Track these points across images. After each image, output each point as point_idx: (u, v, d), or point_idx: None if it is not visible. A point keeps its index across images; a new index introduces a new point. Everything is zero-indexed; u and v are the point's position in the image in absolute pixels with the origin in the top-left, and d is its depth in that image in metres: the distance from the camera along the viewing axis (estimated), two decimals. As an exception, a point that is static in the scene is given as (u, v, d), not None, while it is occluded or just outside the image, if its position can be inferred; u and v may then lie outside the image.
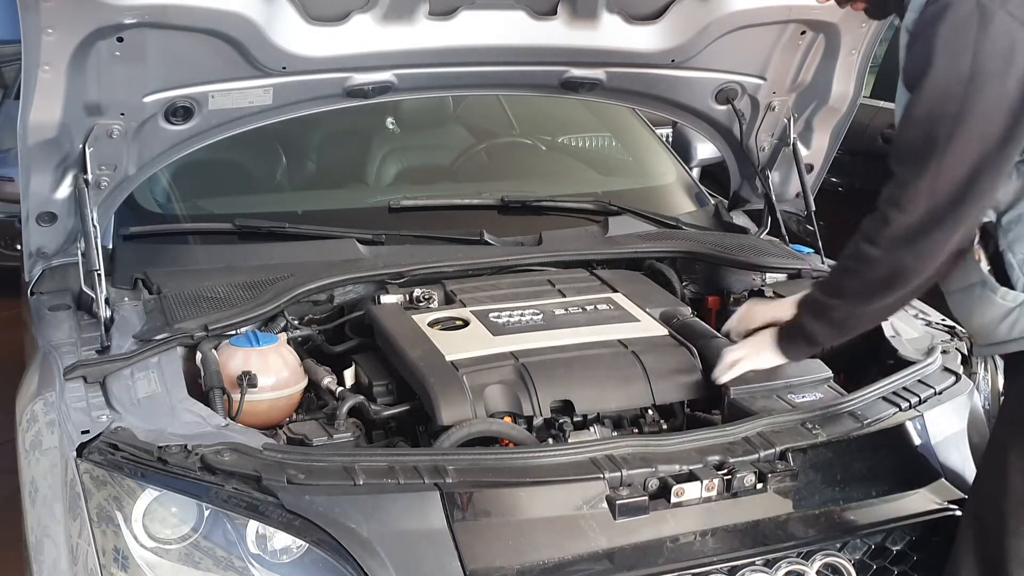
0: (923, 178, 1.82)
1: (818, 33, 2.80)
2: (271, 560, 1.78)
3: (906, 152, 1.86)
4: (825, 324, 2.05)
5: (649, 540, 1.86)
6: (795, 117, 3.02)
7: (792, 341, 2.12)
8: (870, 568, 1.99)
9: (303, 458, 1.86)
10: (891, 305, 2.02)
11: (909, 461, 2.11)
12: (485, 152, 3.54)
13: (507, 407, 2.11)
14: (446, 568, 1.76)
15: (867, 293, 1.97)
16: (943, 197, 1.81)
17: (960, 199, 1.81)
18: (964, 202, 1.82)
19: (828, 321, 2.04)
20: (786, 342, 2.12)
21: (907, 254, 1.87)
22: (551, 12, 2.56)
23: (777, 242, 3.05)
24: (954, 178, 1.80)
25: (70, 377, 2.10)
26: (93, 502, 1.83)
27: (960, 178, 1.80)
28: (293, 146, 3.29)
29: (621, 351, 2.24)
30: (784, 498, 1.96)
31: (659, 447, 1.96)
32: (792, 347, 2.13)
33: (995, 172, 1.82)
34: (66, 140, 2.31)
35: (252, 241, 2.73)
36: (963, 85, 1.76)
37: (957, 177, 1.80)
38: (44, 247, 2.54)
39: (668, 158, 3.57)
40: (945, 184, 1.81)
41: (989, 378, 2.42)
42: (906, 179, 1.85)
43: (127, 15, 2.13)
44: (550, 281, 2.59)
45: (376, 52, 2.49)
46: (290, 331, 2.37)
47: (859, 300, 1.99)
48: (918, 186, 1.83)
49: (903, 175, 1.86)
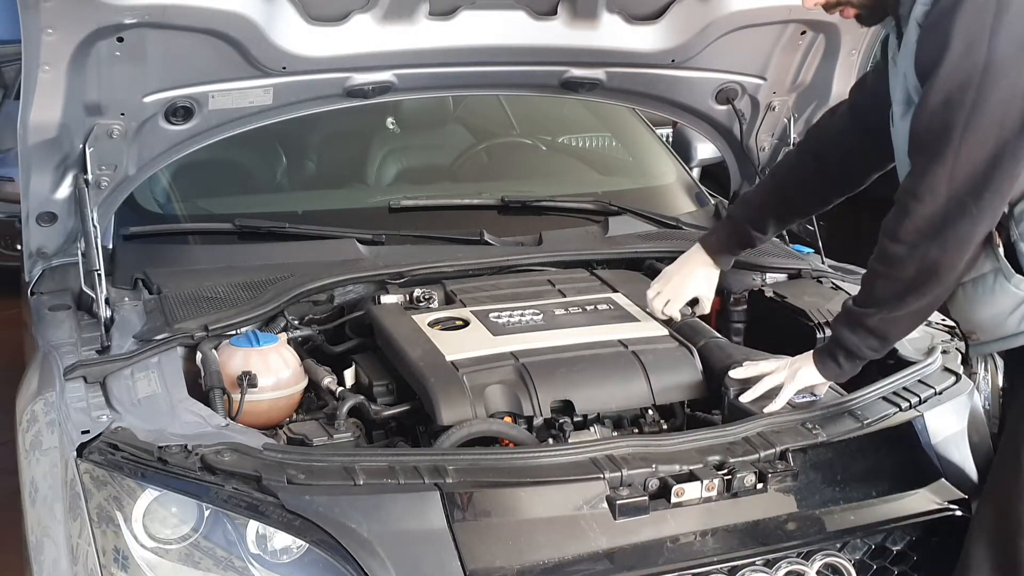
0: (942, 166, 1.80)
1: (818, 33, 2.80)
2: (271, 560, 1.78)
3: (923, 141, 1.84)
4: (863, 335, 2.00)
5: (649, 540, 1.86)
6: (795, 117, 3.02)
7: (832, 358, 2.06)
8: (870, 568, 1.99)
9: (303, 458, 1.86)
10: (927, 307, 1.96)
11: (909, 461, 2.11)
12: (485, 152, 3.54)
13: (507, 407, 2.11)
14: (446, 568, 1.76)
15: (900, 295, 1.93)
16: (963, 185, 1.79)
17: (981, 186, 1.79)
18: (986, 189, 1.80)
19: (866, 331, 2.00)
20: (827, 360, 2.07)
21: (933, 247, 1.84)
22: (551, 12, 2.56)
23: (777, 242, 3.05)
24: (973, 165, 1.78)
25: (70, 377, 2.10)
26: (93, 502, 1.83)
27: (979, 165, 1.78)
28: (293, 146, 3.29)
29: (621, 351, 2.24)
30: (784, 498, 1.96)
31: (659, 447, 1.95)
32: (832, 365, 2.07)
33: (1016, 159, 1.80)
34: (66, 140, 2.31)
35: (252, 241, 2.73)
36: (980, 73, 1.75)
37: (976, 164, 1.78)
38: (44, 247, 2.54)
39: (668, 158, 3.57)
40: (964, 171, 1.79)
41: (989, 378, 2.41)
42: (924, 168, 1.83)
43: (127, 15, 2.13)
44: (550, 281, 2.59)
45: (376, 52, 2.49)
46: (290, 331, 2.37)
47: (893, 305, 1.95)
48: (936, 174, 1.81)
49: (921, 164, 1.84)
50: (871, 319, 1.98)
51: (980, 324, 1.97)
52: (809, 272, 2.78)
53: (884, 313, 1.97)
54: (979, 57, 1.76)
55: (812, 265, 2.83)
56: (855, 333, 2.01)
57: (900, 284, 1.92)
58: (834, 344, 2.06)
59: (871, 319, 1.98)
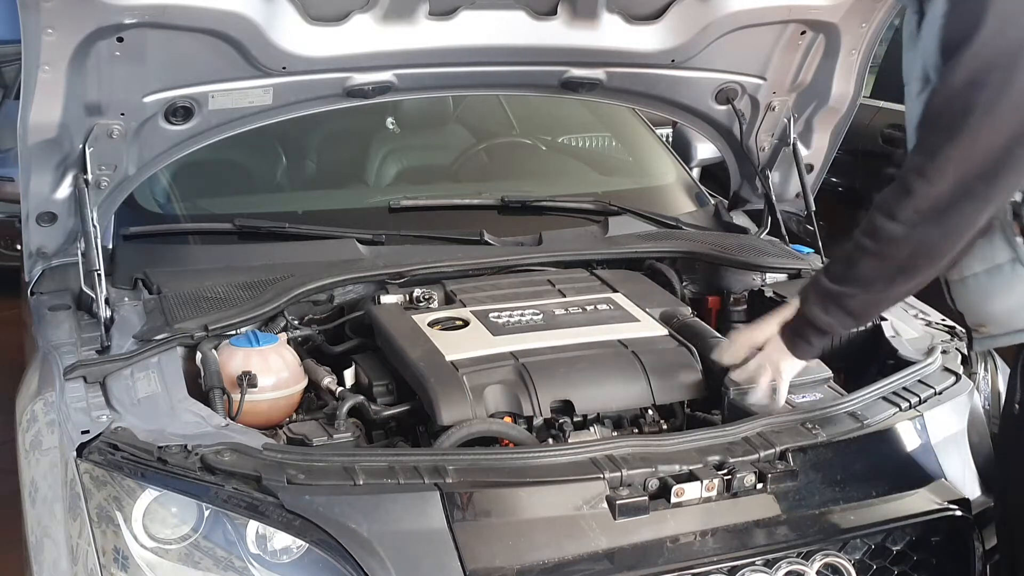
0: (955, 147, 1.70)
1: (818, 33, 2.80)
2: (271, 560, 1.78)
3: (938, 118, 1.74)
4: (838, 314, 1.90)
5: (649, 540, 1.86)
6: (795, 117, 3.02)
7: (802, 339, 1.97)
8: (870, 568, 1.99)
9: (303, 458, 1.86)
10: (911, 289, 1.88)
11: (909, 461, 2.11)
12: (485, 152, 3.54)
13: (507, 407, 2.11)
14: (446, 568, 1.76)
15: (888, 277, 1.83)
16: (975, 168, 1.71)
17: (994, 172, 1.71)
18: (998, 175, 1.71)
19: (842, 311, 1.89)
20: (796, 340, 1.98)
21: (934, 229, 1.75)
22: (551, 12, 2.56)
23: (777, 242, 3.05)
24: (989, 149, 1.69)
25: (70, 377, 2.10)
26: (93, 502, 1.83)
27: (995, 150, 1.69)
28: (293, 146, 3.29)
29: (621, 351, 2.24)
30: (784, 498, 1.96)
31: (659, 447, 1.95)
32: (804, 345, 1.98)
33: None
34: (66, 140, 2.31)
35: (252, 241, 2.73)
36: (1012, 54, 1.66)
37: (993, 148, 1.69)
38: (44, 247, 2.54)
39: (668, 158, 3.58)
40: (979, 154, 1.70)
41: (989, 378, 2.41)
42: (935, 147, 1.73)
43: (127, 15, 2.13)
44: (550, 281, 2.59)
45: (376, 52, 2.49)
46: (290, 331, 2.37)
47: (878, 287, 1.85)
48: (948, 154, 1.71)
49: (932, 142, 1.74)
50: (851, 300, 1.87)
51: (993, 316, 1.90)
52: (809, 272, 2.78)
53: (865, 295, 1.87)
54: (1013, 37, 1.66)
55: (812, 265, 2.82)
56: (828, 312, 1.90)
57: (890, 265, 1.82)
58: (803, 323, 1.95)
59: (851, 300, 1.87)
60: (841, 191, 5.30)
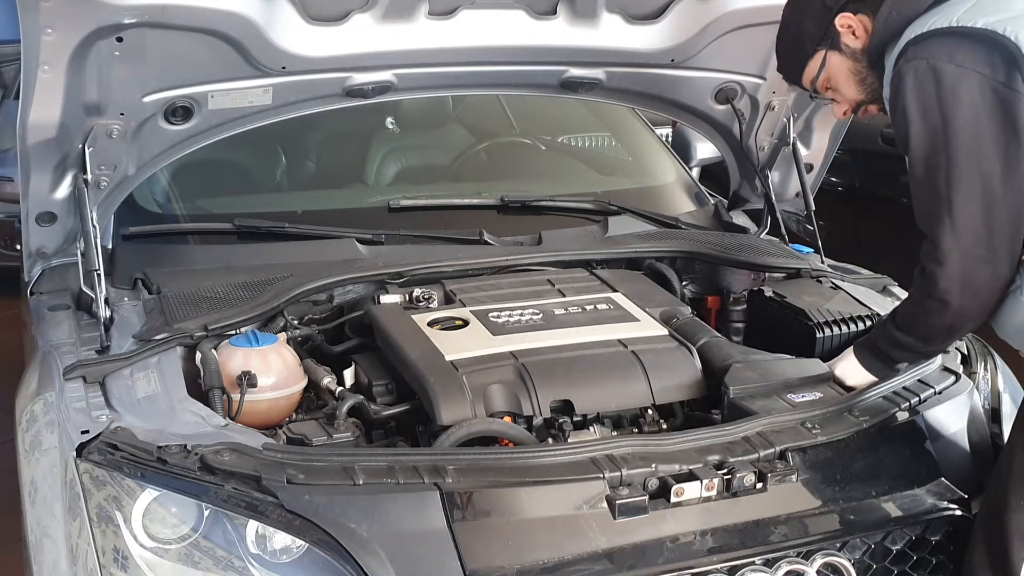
0: (943, 228, 1.92)
1: (818, 33, 2.79)
2: (271, 560, 1.78)
3: (922, 211, 1.97)
4: (899, 352, 2.17)
5: (649, 540, 1.86)
6: (795, 117, 3.02)
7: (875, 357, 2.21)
8: (870, 568, 1.99)
9: (303, 458, 1.86)
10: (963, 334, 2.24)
11: (909, 461, 2.11)
12: (485, 152, 3.55)
13: (507, 407, 2.11)
14: (446, 568, 1.76)
15: (936, 336, 2.09)
16: (968, 240, 1.90)
17: (985, 236, 1.90)
18: (990, 237, 1.90)
19: (901, 349, 2.16)
20: (869, 359, 2.22)
21: (965, 298, 1.95)
22: (551, 12, 2.56)
23: (777, 242, 3.05)
24: (970, 219, 1.90)
25: (70, 377, 2.10)
26: (93, 502, 1.83)
27: (976, 218, 1.89)
28: (293, 146, 3.29)
29: (621, 351, 2.24)
30: (784, 498, 1.96)
31: (659, 447, 1.95)
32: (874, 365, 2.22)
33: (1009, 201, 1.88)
34: (66, 140, 2.31)
35: (252, 241, 2.73)
36: (941, 134, 1.88)
37: (973, 217, 1.90)
38: (44, 247, 2.54)
39: (668, 158, 3.58)
40: (964, 228, 1.90)
41: (989, 377, 2.42)
42: (931, 233, 1.95)
43: (127, 15, 2.13)
44: (550, 281, 2.59)
45: (376, 52, 2.49)
46: (290, 331, 2.37)
47: (930, 341, 2.12)
48: (942, 237, 1.92)
49: (929, 231, 1.96)
50: (911, 345, 2.14)
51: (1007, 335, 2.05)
52: (809, 272, 2.78)
53: (922, 346, 2.14)
54: (935, 122, 1.89)
55: (812, 265, 2.83)
56: (893, 348, 2.17)
57: (937, 329, 2.06)
58: (873, 349, 2.22)
59: (911, 345, 2.14)
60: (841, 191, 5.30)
